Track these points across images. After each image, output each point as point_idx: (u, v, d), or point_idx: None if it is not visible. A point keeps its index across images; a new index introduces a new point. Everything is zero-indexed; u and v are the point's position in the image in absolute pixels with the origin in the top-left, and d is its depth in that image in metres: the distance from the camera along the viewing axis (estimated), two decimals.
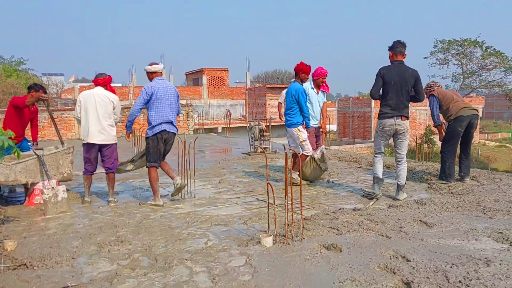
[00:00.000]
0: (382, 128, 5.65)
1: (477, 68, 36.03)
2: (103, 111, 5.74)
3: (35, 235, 4.47)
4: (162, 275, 3.33)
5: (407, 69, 5.60)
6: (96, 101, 5.73)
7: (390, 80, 5.52)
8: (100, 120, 5.72)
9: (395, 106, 5.55)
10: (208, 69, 42.84)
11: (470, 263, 3.32)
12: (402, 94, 5.53)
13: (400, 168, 5.68)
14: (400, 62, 5.63)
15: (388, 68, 5.61)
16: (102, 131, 5.73)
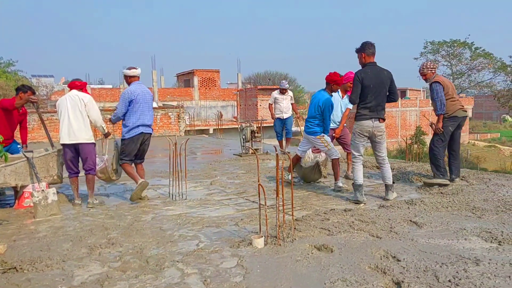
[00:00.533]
0: (360, 130, 5.61)
1: (467, 69, 36.40)
2: (74, 111, 5.74)
3: (25, 238, 4.43)
4: (153, 277, 3.32)
5: (382, 70, 5.59)
6: (68, 102, 5.76)
7: (369, 84, 5.49)
8: (71, 121, 5.71)
9: (373, 109, 5.55)
10: (199, 70, 42.76)
11: (459, 263, 3.35)
12: (380, 96, 5.55)
13: (384, 169, 5.70)
14: (373, 63, 5.60)
15: (365, 71, 5.56)
16: (74, 132, 5.71)
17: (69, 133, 5.71)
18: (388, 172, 5.68)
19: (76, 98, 5.79)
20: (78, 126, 5.73)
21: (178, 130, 19.39)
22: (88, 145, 5.83)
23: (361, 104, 5.60)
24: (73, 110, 5.74)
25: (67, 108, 5.73)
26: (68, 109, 5.73)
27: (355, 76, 5.59)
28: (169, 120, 19.22)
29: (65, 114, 5.73)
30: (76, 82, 5.96)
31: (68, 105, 5.74)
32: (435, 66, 6.52)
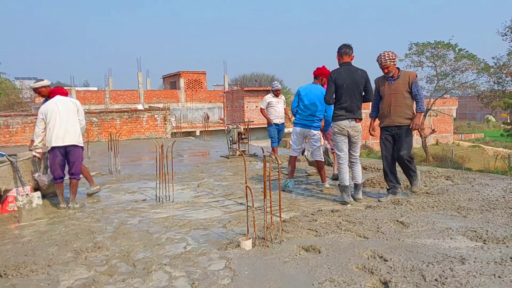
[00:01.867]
0: (339, 130, 5.64)
1: (451, 70, 36.73)
2: (67, 115, 5.74)
3: (9, 243, 4.36)
4: (141, 281, 3.30)
5: (357, 70, 5.62)
6: (60, 106, 5.74)
7: (342, 83, 5.54)
8: (66, 124, 5.71)
9: (349, 109, 5.59)
10: (185, 72, 42.61)
11: (445, 262, 3.39)
12: (355, 97, 5.58)
13: (356, 168, 5.76)
14: (348, 63, 5.64)
15: (338, 71, 5.61)
16: (68, 134, 5.71)
17: (63, 136, 5.67)
18: (359, 172, 5.76)
19: (69, 102, 5.84)
20: (73, 129, 5.76)
21: (164, 132, 19.28)
22: (79, 149, 5.84)
23: (337, 104, 5.66)
24: (67, 114, 5.74)
25: (59, 111, 5.70)
26: (61, 113, 5.70)
27: (328, 76, 5.65)
28: (155, 122, 19.11)
29: (56, 118, 5.68)
30: (63, 89, 6.05)
31: (61, 109, 5.72)
32: (396, 56, 5.67)
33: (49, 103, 5.83)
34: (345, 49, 5.62)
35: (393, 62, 5.47)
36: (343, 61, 5.64)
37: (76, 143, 5.78)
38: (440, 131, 46.95)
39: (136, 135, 18.51)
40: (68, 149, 5.75)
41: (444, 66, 36.90)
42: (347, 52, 5.62)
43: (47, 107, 5.77)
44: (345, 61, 5.63)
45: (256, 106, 37.92)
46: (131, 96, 40.15)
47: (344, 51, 5.61)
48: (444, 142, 47.20)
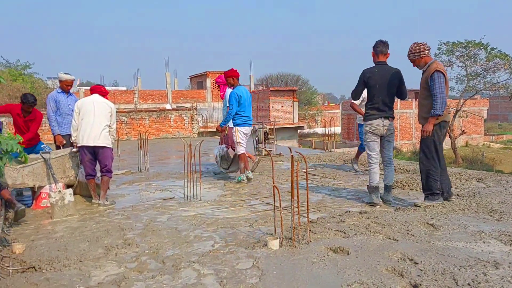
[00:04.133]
0: (371, 129, 5.53)
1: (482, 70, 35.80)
2: (99, 116, 5.88)
3: (43, 238, 4.49)
4: (170, 278, 3.34)
5: (390, 70, 5.49)
6: (95, 107, 5.89)
7: (375, 84, 5.45)
8: (96, 125, 5.84)
9: (382, 108, 5.50)
10: (212, 72, 42.90)
11: (478, 266, 3.31)
12: (387, 96, 5.48)
13: (388, 169, 5.65)
14: (382, 63, 5.53)
15: (371, 71, 5.51)
16: (96, 135, 5.84)
17: (92, 136, 5.82)
18: (392, 173, 5.64)
19: (104, 104, 5.97)
20: (102, 131, 5.87)
21: (191, 132, 19.46)
22: (107, 149, 5.96)
23: (369, 104, 5.58)
24: (99, 116, 5.88)
25: (94, 112, 5.86)
26: (95, 113, 5.86)
27: (360, 74, 5.57)
28: (183, 122, 19.32)
29: (89, 117, 5.84)
30: (103, 88, 6.21)
31: (96, 109, 5.88)
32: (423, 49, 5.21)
33: (85, 100, 6.02)
34: (381, 47, 5.50)
35: (416, 57, 5.18)
36: (378, 60, 5.53)
37: (104, 144, 5.90)
38: (470, 132, 45.92)
39: (164, 134, 18.74)
40: (96, 150, 5.91)
41: (475, 66, 36.02)
42: (383, 50, 5.50)
43: (82, 103, 5.97)
44: (380, 60, 5.52)
45: (281, 106, 37.90)
46: (159, 96, 40.71)
47: (380, 49, 5.50)
48: (474, 143, 46.12)
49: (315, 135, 51.27)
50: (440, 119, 5.14)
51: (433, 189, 5.20)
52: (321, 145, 31.60)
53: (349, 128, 45.15)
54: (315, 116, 57.21)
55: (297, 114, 39.75)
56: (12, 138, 3.34)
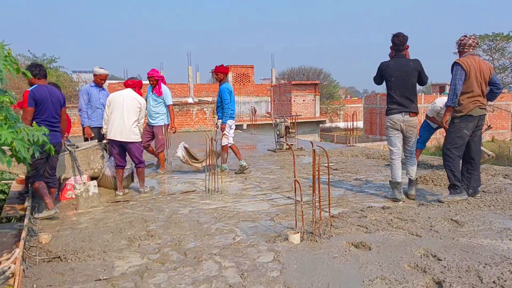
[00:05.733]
0: (391, 124, 5.48)
1: (510, 63, 34.99)
2: (128, 111, 6.00)
3: (68, 229, 4.59)
4: (192, 269, 3.37)
5: (408, 62, 5.39)
6: (124, 101, 6.02)
7: (390, 77, 5.40)
8: (124, 120, 5.97)
9: (401, 102, 5.39)
10: (233, 66, 42.91)
11: (504, 263, 3.24)
12: (406, 90, 5.37)
13: (410, 163, 5.57)
14: (400, 56, 5.44)
15: (387, 64, 5.46)
16: (124, 130, 5.98)
17: (121, 131, 5.98)
18: (413, 168, 5.54)
19: (133, 100, 6.09)
20: (129, 126, 6.00)
21: (213, 125, 19.54)
22: (134, 144, 6.10)
23: (388, 98, 5.53)
24: (128, 111, 6.01)
25: (123, 106, 6.01)
26: (123, 108, 6.00)
27: (379, 65, 5.56)
28: (204, 115, 19.41)
29: (118, 112, 6.00)
30: (129, 81, 6.33)
31: (124, 104, 6.02)
32: (475, 43, 5.27)
33: (117, 94, 6.20)
34: (398, 41, 5.41)
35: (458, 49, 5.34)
36: (396, 53, 5.46)
37: (131, 140, 6.04)
38: (497, 127, 44.83)
39: (186, 128, 18.87)
40: (124, 144, 6.06)
41: (503, 59, 35.23)
42: (402, 44, 5.41)
43: (113, 97, 6.15)
44: (399, 53, 5.45)
45: (303, 100, 37.71)
46: (181, 90, 40.97)
47: (399, 43, 5.41)
48: (501, 139, 45.01)
49: (337, 130, 50.88)
50: (464, 113, 5.10)
51: (452, 180, 5.18)
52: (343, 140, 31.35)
53: (371, 123, 44.62)
54: (337, 110, 56.74)
55: (318, 108, 39.48)
56: (38, 129, 3.40)
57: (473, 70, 5.07)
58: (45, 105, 4.98)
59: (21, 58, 29.89)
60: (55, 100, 5.10)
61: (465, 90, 5.08)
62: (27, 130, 3.24)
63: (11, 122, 3.15)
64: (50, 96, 5.05)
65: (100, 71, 7.07)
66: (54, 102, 5.07)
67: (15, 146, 3.03)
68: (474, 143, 5.25)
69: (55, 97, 5.12)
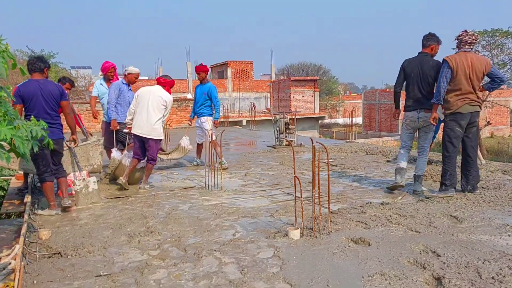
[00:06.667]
0: (406, 121, 5.65)
1: (509, 59, 34.90)
2: (153, 108, 6.16)
3: (68, 225, 4.59)
4: (192, 265, 3.38)
5: (429, 61, 5.48)
6: (150, 98, 6.19)
7: (410, 73, 5.53)
8: (147, 117, 6.14)
9: (416, 99, 5.50)
10: (232, 62, 42.84)
11: (503, 259, 3.25)
12: (422, 87, 5.45)
13: (421, 159, 5.65)
14: (424, 54, 5.56)
15: (409, 60, 5.60)
16: (147, 125, 6.14)
17: (143, 127, 6.15)
18: (421, 163, 5.61)
19: (159, 97, 6.22)
20: (151, 122, 6.15)
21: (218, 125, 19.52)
22: (154, 140, 6.23)
23: (406, 94, 5.65)
24: (153, 106, 6.17)
25: (148, 102, 6.17)
26: (148, 104, 6.17)
27: (402, 63, 5.68)
28: None
29: (144, 106, 6.19)
30: (161, 78, 6.44)
31: (150, 100, 6.18)
32: (473, 39, 5.23)
33: (145, 89, 6.39)
34: (425, 41, 5.58)
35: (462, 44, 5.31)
36: (422, 51, 5.61)
37: (152, 136, 6.18)
38: (496, 123, 44.85)
39: (185, 124, 18.83)
40: (144, 139, 6.20)
41: (502, 55, 35.11)
42: (424, 44, 5.57)
43: (141, 91, 6.32)
44: (424, 51, 5.58)
45: (302, 96, 37.69)
46: (180, 86, 40.89)
47: (424, 43, 5.58)
48: (500, 135, 45.04)
49: (336, 126, 50.91)
50: (452, 110, 5.16)
51: (442, 178, 5.28)
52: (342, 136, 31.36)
53: (370, 119, 44.61)
54: (336, 106, 56.75)
55: (318, 104, 39.45)
56: (36, 124, 3.40)
57: (462, 67, 5.06)
58: (33, 100, 4.83)
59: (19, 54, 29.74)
60: (47, 94, 4.91)
61: (452, 87, 5.14)
62: (25, 126, 3.23)
63: (10, 117, 3.14)
64: (41, 91, 4.87)
65: (135, 70, 7.16)
66: (46, 96, 4.89)
67: (14, 142, 3.03)
68: (469, 140, 5.27)
69: (47, 91, 4.91)
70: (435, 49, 5.59)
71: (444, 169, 5.26)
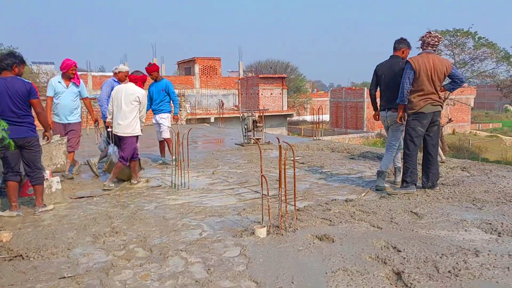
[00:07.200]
0: (382, 120, 6.00)
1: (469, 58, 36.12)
2: (126, 105, 6.16)
3: (30, 226, 4.49)
4: (157, 266, 3.38)
5: (399, 62, 5.71)
6: (123, 96, 6.19)
7: (381, 74, 5.84)
8: (122, 114, 6.15)
9: (386, 99, 5.80)
10: (200, 58, 42.55)
11: (459, 254, 3.40)
12: (391, 87, 5.67)
13: (386, 155, 5.91)
14: (395, 56, 5.84)
15: (381, 63, 5.91)
16: (123, 123, 6.16)
17: (117, 125, 6.20)
18: (386, 160, 5.86)
19: (131, 95, 6.20)
20: (126, 120, 6.17)
21: (179, 119, 19.38)
22: (130, 138, 6.22)
23: (380, 95, 5.95)
24: (125, 104, 6.17)
25: (121, 100, 6.18)
26: (122, 102, 6.18)
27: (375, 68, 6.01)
28: None
29: (118, 106, 6.21)
30: (131, 75, 6.43)
31: (123, 98, 6.20)
32: (435, 41, 5.39)
33: (119, 87, 6.41)
34: (395, 44, 5.88)
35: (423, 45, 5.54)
36: (392, 54, 5.90)
37: (127, 134, 6.19)
38: (457, 120, 46.38)
39: (150, 121, 18.63)
40: (120, 136, 6.23)
41: (463, 54, 36.33)
42: (395, 47, 5.87)
43: (116, 90, 6.34)
44: (394, 54, 5.87)
45: (271, 93, 37.86)
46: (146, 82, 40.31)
47: (395, 46, 5.89)
48: (461, 131, 46.62)
49: (304, 123, 51.42)
50: (415, 110, 5.35)
51: (404, 176, 5.49)
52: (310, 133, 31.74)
53: (337, 116, 45.29)
54: (304, 103, 57.31)
55: (286, 101, 39.77)
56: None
57: (424, 69, 5.22)
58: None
59: None
60: (12, 93, 4.78)
61: (415, 88, 5.32)
62: None
63: None
64: (7, 90, 4.75)
65: (125, 68, 7.25)
66: (11, 95, 4.76)
67: None
68: (431, 138, 5.47)
69: (13, 90, 4.78)
70: (406, 52, 5.84)
71: (405, 167, 5.44)
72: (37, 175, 5.04)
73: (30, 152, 4.98)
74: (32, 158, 5.00)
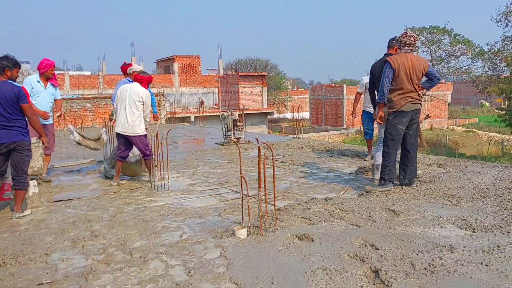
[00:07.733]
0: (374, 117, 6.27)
1: (446, 55, 36.77)
2: (130, 105, 6.20)
3: (6, 232, 4.42)
4: (137, 269, 3.36)
5: (382, 60, 5.89)
6: (127, 96, 6.22)
7: (374, 72, 6.21)
8: (127, 114, 6.19)
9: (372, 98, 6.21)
10: (179, 56, 42.28)
11: (435, 250, 3.48)
12: None
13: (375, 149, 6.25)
14: (388, 54, 6.05)
15: (375, 62, 6.32)
16: (127, 123, 6.20)
17: (122, 124, 6.25)
18: (377, 154, 6.01)
19: (135, 95, 6.22)
20: (131, 120, 6.20)
21: (159, 119, 19.22)
22: (138, 137, 6.30)
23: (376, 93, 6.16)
24: (130, 105, 6.19)
25: (126, 101, 6.21)
26: (126, 103, 6.21)
27: None
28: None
29: (122, 105, 6.23)
30: (137, 75, 6.41)
31: (127, 99, 6.22)
32: (412, 40, 5.46)
33: (124, 86, 6.42)
34: (389, 42, 6.20)
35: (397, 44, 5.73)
36: (386, 52, 6.20)
37: (133, 134, 6.25)
38: (435, 116, 47.12)
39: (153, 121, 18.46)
40: (127, 137, 6.27)
41: (439, 51, 36.95)
42: (389, 45, 6.20)
43: (121, 90, 6.37)
44: (388, 52, 6.21)
45: (251, 91, 37.85)
46: None
47: (388, 44, 6.21)
48: (439, 127, 47.40)
49: (285, 120, 51.57)
50: (396, 109, 5.43)
51: (382, 173, 5.55)
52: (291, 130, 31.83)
53: (317, 113, 45.58)
54: (284, 101, 57.46)
55: (266, 99, 39.81)
56: None
57: (403, 67, 5.32)
58: None
59: None
60: (1, 97, 4.74)
61: (395, 87, 5.41)
62: None
63: None
64: None
65: (140, 68, 7.15)
66: (1, 99, 4.73)
67: None
68: (410, 136, 5.55)
69: (2, 94, 4.74)
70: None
71: (384, 164, 5.52)
72: (22, 180, 4.98)
73: (19, 156, 4.94)
74: (21, 162, 4.96)
